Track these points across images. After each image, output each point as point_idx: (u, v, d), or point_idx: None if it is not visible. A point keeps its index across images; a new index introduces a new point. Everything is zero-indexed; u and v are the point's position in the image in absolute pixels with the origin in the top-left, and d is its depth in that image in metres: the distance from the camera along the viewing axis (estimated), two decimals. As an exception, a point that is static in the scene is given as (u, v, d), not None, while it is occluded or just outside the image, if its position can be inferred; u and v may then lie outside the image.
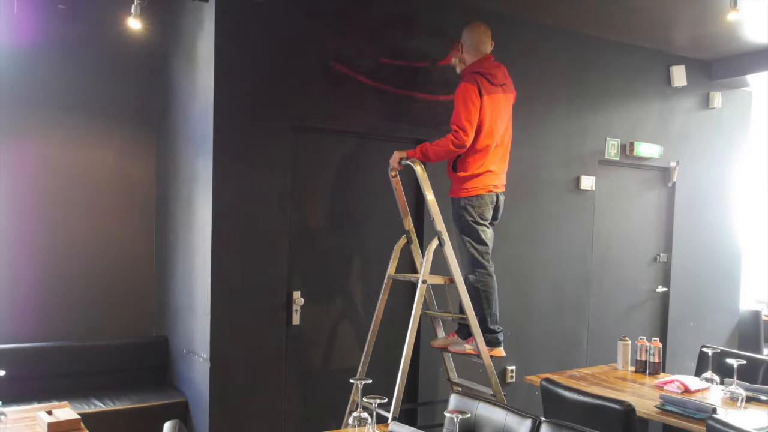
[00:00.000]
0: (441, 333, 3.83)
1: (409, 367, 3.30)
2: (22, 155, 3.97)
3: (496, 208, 3.68)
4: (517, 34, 4.56)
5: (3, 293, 3.93)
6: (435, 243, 3.42)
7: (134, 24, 3.54)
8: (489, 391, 3.48)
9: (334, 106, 3.87)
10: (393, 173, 3.64)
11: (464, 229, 3.60)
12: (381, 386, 3.75)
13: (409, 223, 3.72)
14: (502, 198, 3.69)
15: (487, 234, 3.62)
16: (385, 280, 3.64)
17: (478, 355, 3.50)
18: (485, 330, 3.53)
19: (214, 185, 3.53)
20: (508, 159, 3.73)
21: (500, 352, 3.60)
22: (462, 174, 3.56)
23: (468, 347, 3.58)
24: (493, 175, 3.59)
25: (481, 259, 3.59)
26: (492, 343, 3.56)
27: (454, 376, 3.82)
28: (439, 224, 3.44)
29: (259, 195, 3.66)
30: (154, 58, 4.34)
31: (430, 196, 3.46)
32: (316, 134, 3.91)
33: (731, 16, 3.79)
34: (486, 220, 3.62)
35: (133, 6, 3.46)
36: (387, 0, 4.06)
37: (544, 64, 4.72)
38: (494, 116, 3.53)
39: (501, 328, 3.64)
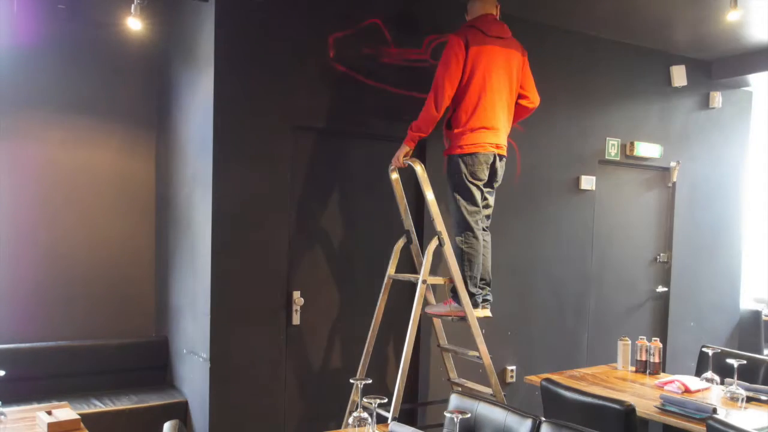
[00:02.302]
0: (441, 334, 3.82)
1: (408, 368, 3.29)
2: (22, 155, 3.97)
3: (493, 171, 3.53)
4: (517, 34, 4.54)
5: (3, 293, 3.94)
6: (435, 243, 3.41)
7: (134, 24, 3.54)
8: (489, 391, 3.48)
9: (334, 106, 3.87)
10: (393, 172, 3.63)
11: (456, 186, 3.47)
12: (382, 386, 3.76)
13: (408, 223, 3.71)
14: (501, 161, 3.55)
15: (478, 195, 3.49)
16: (385, 280, 3.64)
17: (460, 317, 3.47)
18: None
19: (214, 185, 3.52)
20: (511, 120, 3.59)
21: (482, 312, 3.55)
22: (456, 130, 3.42)
23: (445, 309, 3.53)
24: (488, 132, 3.41)
25: (469, 219, 3.47)
26: (472, 305, 3.49)
27: (454, 375, 3.82)
28: (439, 224, 3.42)
29: (259, 195, 3.66)
30: (154, 58, 4.34)
31: (430, 195, 3.45)
32: (316, 134, 3.90)
33: (731, 16, 3.78)
34: (480, 180, 3.48)
35: (133, 6, 3.46)
36: (387, 0, 4.06)
37: (544, 64, 4.71)
38: (488, 68, 3.37)
39: (487, 290, 3.61)
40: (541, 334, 4.78)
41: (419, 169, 3.47)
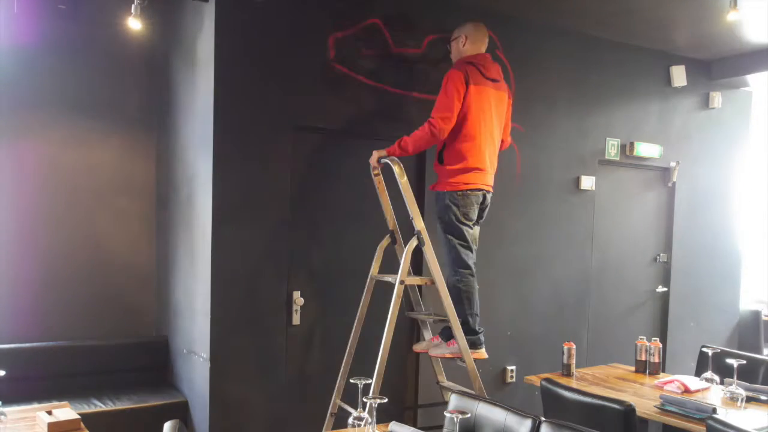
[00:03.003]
0: (428, 335, 3.74)
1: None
2: (22, 155, 3.97)
3: (482, 208, 3.57)
4: (517, 34, 4.56)
5: (3, 293, 3.94)
6: (414, 243, 3.31)
7: (134, 24, 3.54)
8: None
9: (334, 106, 3.87)
10: (375, 172, 3.54)
11: (448, 227, 3.48)
12: (385, 388, 3.75)
13: (393, 223, 3.62)
14: (489, 197, 3.58)
15: (469, 234, 3.50)
16: (368, 281, 3.56)
17: (461, 358, 3.39)
18: (468, 331, 3.43)
19: (214, 185, 3.53)
20: (497, 162, 3.63)
21: (482, 353, 3.51)
22: (449, 167, 3.44)
23: (448, 351, 3.47)
24: (481, 173, 3.47)
25: (464, 257, 3.48)
26: (475, 344, 3.45)
27: (443, 378, 3.71)
28: (419, 223, 3.32)
29: (259, 195, 3.66)
30: (154, 58, 4.34)
31: (408, 194, 3.33)
32: (316, 134, 3.90)
33: (731, 16, 3.78)
34: (470, 221, 3.51)
35: (133, 6, 3.47)
36: (387, 0, 4.06)
37: (544, 64, 4.72)
38: (481, 108, 3.42)
39: (482, 328, 3.55)
40: (541, 334, 4.78)
41: (397, 169, 3.33)
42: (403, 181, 3.29)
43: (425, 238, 3.30)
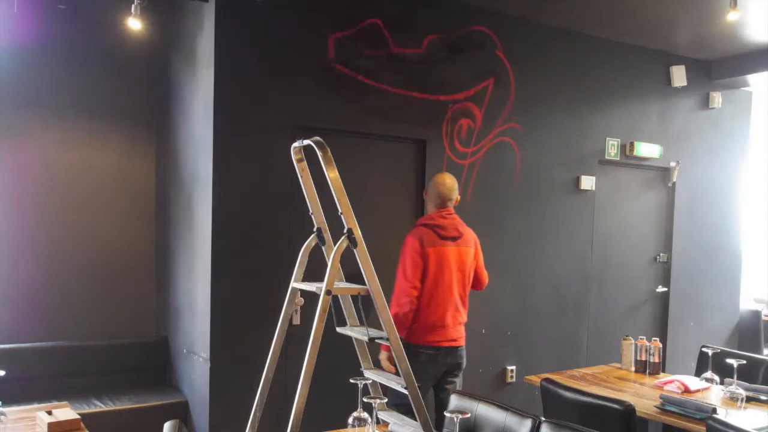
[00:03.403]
0: (367, 361, 2.90)
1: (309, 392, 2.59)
2: (22, 155, 3.97)
3: (447, 366, 3.43)
4: (517, 34, 4.56)
5: (3, 293, 3.94)
6: (344, 243, 2.54)
7: (134, 24, 3.54)
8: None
9: (334, 106, 3.87)
10: (298, 157, 2.88)
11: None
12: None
13: (320, 219, 2.83)
14: (455, 352, 3.44)
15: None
16: (289, 291, 2.82)
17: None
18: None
19: (214, 185, 3.52)
20: (463, 313, 3.52)
21: None
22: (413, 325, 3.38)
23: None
24: (439, 329, 3.40)
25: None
26: None
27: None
28: (350, 220, 2.53)
29: (259, 195, 3.66)
30: (154, 58, 4.34)
31: (333, 174, 2.59)
32: (316, 134, 3.88)
33: (731, 16, 3.78)
34: (434, 378, 3.42)
35: (133, 6, 3.46)
36: (387, 0, 4.06)
37: (544, 64, 4.72)
38: (440, 269, 3.40)
39: None
40: (541, 334, 4.78)
41: (320, 153, 2.66)
42: (332, 176, 2.62)
43: (358, 238, 2.56)
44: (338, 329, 2.87)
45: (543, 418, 2.42)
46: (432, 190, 3.54)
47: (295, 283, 2.80)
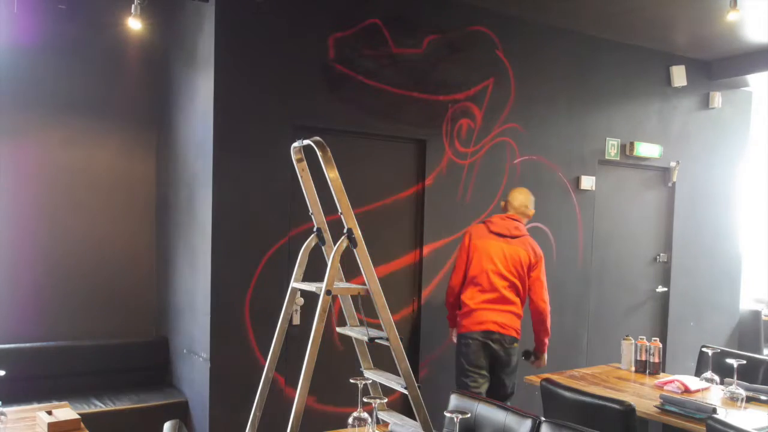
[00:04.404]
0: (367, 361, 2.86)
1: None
2: (22, 155, 3.97)
3: (494, 356, 3.70)
4: (517, 34, 4.56)
5: (3, 293, 3.93)
6: (344, 244, 2.55)
7: (134, 24, 3.54)
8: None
9: (334, 106, 3.87)
10: (298, 157, 2.89)
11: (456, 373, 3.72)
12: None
13: (320, 219, 2.84)
14: (501, 339, 3.70)
15: (474, 385, 3.63)
16: (289, 291, 2.83)
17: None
18: None
19: (214, 185, 3.53)
20: (514, 310, 3.79)
21: None
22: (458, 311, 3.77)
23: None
24: (483, 312, 3.67)
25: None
26: None
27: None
28: (350, 220, 2.56)
29: (259, 195, 3.66)
30: (154, 58, 4.34)
31: (333, 174, 2.59)
32: (316, 134, 3.87)
33: (731, 16, 3.78)
34: (478, 368, 3.67)
35: (133, 6, 3.46)
36: (387, 0, 4.06)
37: (544, 64, 4.72)
38: (483, 256, 3.69)
39: None
40: (541, 334, 4.77)
41: (321, 153, 2.66)
42: (332, 176, 2.62)
43: (358, 238, 2.56)
44: (338, 329, 2.89)
45: (543, 418, 2.42)
46: (507, 196, 3.95)
47: (295, 283, 2.79)
